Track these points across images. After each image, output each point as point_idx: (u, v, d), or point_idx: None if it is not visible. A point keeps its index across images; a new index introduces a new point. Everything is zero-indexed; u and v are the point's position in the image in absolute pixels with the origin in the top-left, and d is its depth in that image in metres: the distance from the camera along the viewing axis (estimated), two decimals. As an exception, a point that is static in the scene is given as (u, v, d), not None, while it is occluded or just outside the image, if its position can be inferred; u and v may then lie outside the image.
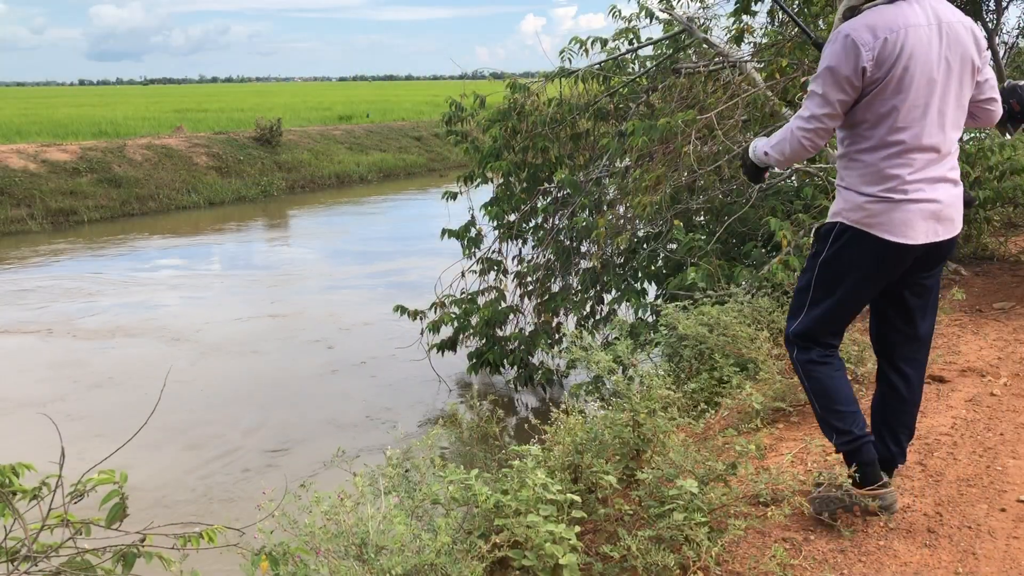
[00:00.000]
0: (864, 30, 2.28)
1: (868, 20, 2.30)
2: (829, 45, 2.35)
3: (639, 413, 2.82)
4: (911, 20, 2.29)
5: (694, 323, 4.08)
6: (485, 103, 7.79)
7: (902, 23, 2.28)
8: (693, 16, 6.93)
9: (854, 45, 2.27)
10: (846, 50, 2.29)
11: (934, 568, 2.36)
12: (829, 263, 2.48)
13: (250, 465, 6.14)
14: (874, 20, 2.30)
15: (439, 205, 7.91)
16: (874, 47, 2.26)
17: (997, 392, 3.60)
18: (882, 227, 2.36)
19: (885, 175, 2.34)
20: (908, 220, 2.34)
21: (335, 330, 9.62)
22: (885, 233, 2.36)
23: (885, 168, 2.34)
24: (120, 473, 2.04)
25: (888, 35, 2.27)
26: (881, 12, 2.31)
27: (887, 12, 2.30)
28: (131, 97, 52.05)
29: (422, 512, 2.43)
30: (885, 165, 2.34)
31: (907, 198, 2.33)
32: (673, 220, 5.94)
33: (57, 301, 11.09)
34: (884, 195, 2.34)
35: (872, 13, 2.32)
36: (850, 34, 2.29)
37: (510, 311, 7.43)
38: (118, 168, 19.73)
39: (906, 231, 2.35)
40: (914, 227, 2.35)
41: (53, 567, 1.92)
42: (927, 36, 2.29)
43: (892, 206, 2.34)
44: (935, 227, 2.38)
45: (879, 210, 2.35)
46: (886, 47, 2.26)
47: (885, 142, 2.33)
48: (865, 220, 2.37)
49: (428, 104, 36.94)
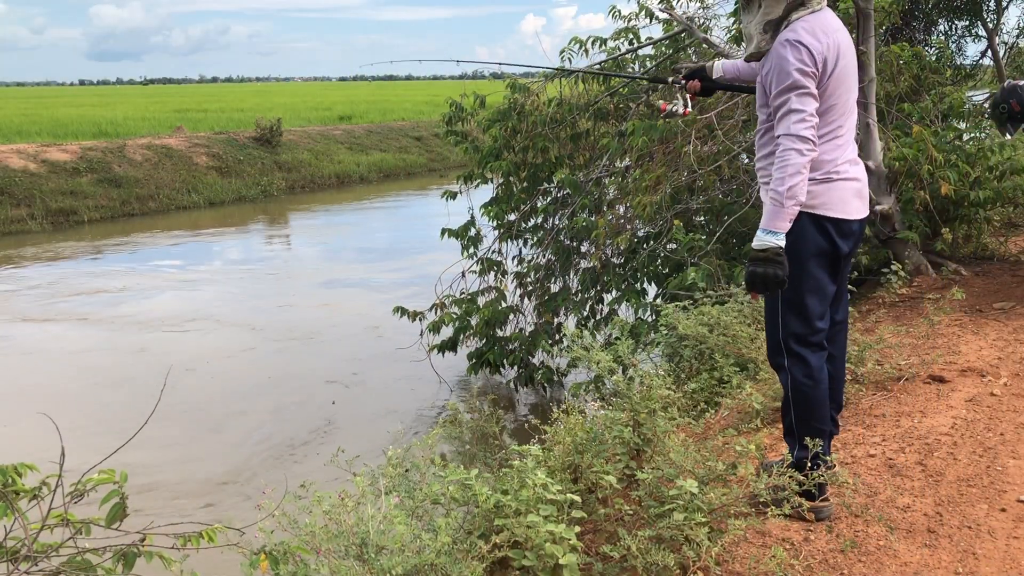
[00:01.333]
0: (808, 35, 2.48)
1: (807, 26, 2.51)
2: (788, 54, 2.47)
3: (639, 413, 2.82)
4: (836, 25, 2.56)
5: (694, 323, 4.08)
6: (485, 103, 7.79)
7: (831, 27, 2.53)
8: (693, 16, 6.93)
9: (808, 49, 2.46)
10: (804, 54, 2.46)
11: (934, 568, 2.36)
12: (788, 251, 2.56)
13: (248, 465, 6.14)
14: (812, 26, 2.51)
15: (439, 205, 7.91)
16: (821, 50, 2.48)
17: (997, 392, 3.60)
18: (825, 207, 2.57)
19: (823, 160, 2.55)
20: (845, 198, 2.59)
21: (334, 330, 9.62)
22: (829, 211, 2.57)
23: (823, 154, 2.54)
24: (120, 472, 2.04)
25: (825, 37, 2.49)
26: (815, 19, 2.52)
27: (819, 19, 2.53)
28: (131, 97, 52.03)
29: (422, 512, 2.43)
30: (823, 150, 2.54)
31: (841, 178, 2.58)
32: (673, 220, 5.94)
33: (65, 297, 11.10)
34: (822, 178, 2.56)
35: (807, 21, 2.52)
36: (801, 39, 2.47)
37: (510, 311, 7.43)
38: (118, 168, 19.73)
39: (845, 207, 2.59)
40: (849, 203, 2.61)
41: (53, 567, 1.93)
42: (846, 39, 2.57)
43: (831, 186, 2.57)
44: (860, 203, 2.66)
45: (819, 191, 2.56)
46: (828, 49, 2.49)
47: (823, 133, 2.54)
48: (809, 203, 2.55)
49: (428, 104, 36.93)
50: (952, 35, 10.85)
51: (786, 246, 2.52)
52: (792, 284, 2.58)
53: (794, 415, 2.66)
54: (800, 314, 2.62)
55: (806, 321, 2.62)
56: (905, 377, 3.80)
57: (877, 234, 5.54)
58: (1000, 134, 5.14)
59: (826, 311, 2.67)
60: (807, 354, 2.62)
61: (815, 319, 2.62)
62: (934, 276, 5.46)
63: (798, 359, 2.63)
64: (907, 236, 5.42)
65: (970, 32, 10.79)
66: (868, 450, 3.13)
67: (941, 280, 5.39)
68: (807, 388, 2.62)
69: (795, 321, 2.62)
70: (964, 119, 6.45)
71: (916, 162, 5.24)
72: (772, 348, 2.71)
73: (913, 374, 3.82)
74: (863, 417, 3.47)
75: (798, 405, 2.64)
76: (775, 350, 2.69)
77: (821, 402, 2.64)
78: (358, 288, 11.80)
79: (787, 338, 2.63)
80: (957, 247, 5.85)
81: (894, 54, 6.10)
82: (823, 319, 2.66)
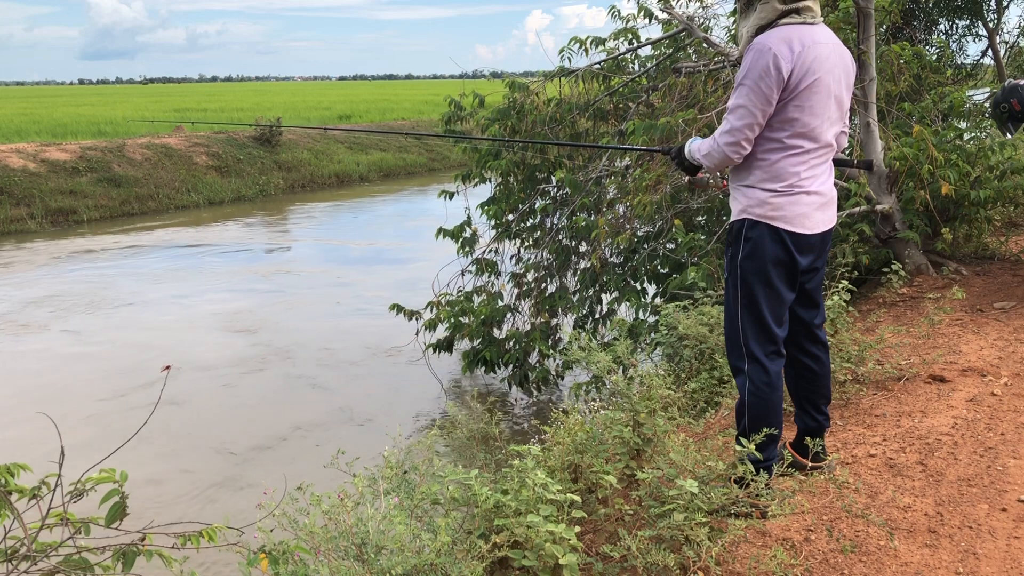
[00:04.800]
0: (781, 43, 2.51)
1: (783, 35, 2.53)
2: (750, 57, 2.53)
3: (639, 413, 2.82)
4: (817, 38, 2.56)
5: (694, 323, 4.08)
6: (484, 102, 7.79)
7: (811, 39, 2.54)
8: (693, 16, 6.92)
9: (775, 58, 2.49)
10: (769, 61, 2.49)
11: (935, 568, 2.36)
12: (748, 258, 2.65)
13: (246, 465, 6.14)
14: (788, 35, 2.53)
15: (439, 204, 7.91)
16: (791, 59, 2.49)
17: (998, 392, 3.60)
18: (784, 220, 2.60)
19: (786, 173, 2.59)
20: (805, 212, 2.61)
21: (332, 330, 9.62)
22: (787, 224, 2.60)
23: (786, 167, 2.58)
24: (120, 472, 2.03)
25: (800, 49, 2.51)
26: (793, 29, 2.55)
27: (797, 30, 2.55)
28: (130, 96, 52.04)
29: (421, 512, 2.43)
30: (785, 164, 2.58)
31: (803, 191, 2.60)
32: (673, 219, 5.94)
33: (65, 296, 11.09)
34: (784, 190, 2.59)
35: (785, 29, 2.55)
36: (771, 47, 2.50)
37: (507, 310, 7.43)
38: (118, 168, 19.72)
39: (804, 221, 2.61)
40: (810, 217, 2.62)
41: (52, 566, 1.92)
42: (827, 52, 2.57)
43: (792, 199, 2.59)
44: (823, 216, 2.67)
45: (780, 203, 2.59)
46: (799, 59, 2.50)
47: (786, 145, 2.57)
48: (769, 214, 2.60)
49: (428, 104, 36.95)
50: (953, 34, 10.86)
51: (745, 253, 2.65)
52: (749, 291, 2.66)
53: (748, 419, 2.69)
54: (757, 320, 2.68)
55: (763, 327, 2.68)
56: (906, 377, 3.80)
57: (877, 234, 5.54)
58: (1000, 133, 5.14)
59: (783, 318, 2.72)
60: (767, 362, 2.68)
61: (772, 325, 2.68)
62: (935, 276, 5.45)
63: (757, 365, 2.68)
64: (907, 236, 5.41)
65: (970, 31, 10.79)
66: (869, 450, 3.13)
67: (942, 280, 5.39)
68: (764, 393, 2.67)
69: (753, 327, 2.69)
70: (964, 118, 6.45)
71: (916, 161, 5.24)
72: (732, 352, 2.77)
73: (914, 374, 3.82)
74: (864, 417, 3.46)
75: (753, 408, 2.68)
76: (735, 354, 2.75)
77: (776, 407, 2.69)
78: (354, 287, 11.79)
79: (747, 342, 2.69)
80: (958, 247, 5.84)
81: (894, 53, 6.09)
82: (781, 326, 2.71)
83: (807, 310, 2.81)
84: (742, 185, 2.67)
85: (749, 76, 2.52)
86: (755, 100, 2.51)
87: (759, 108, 2.52)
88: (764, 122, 2.55)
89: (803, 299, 2.79)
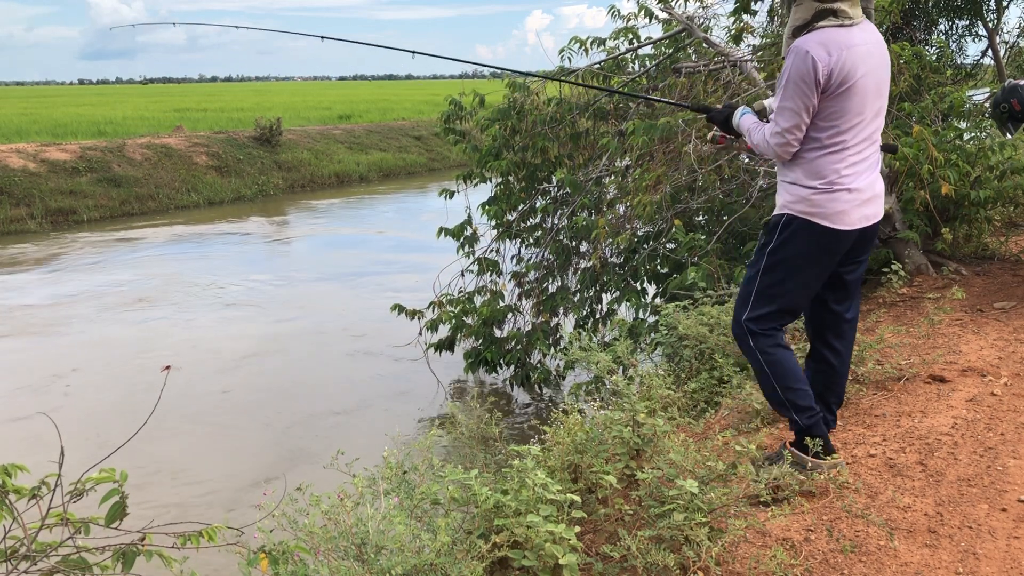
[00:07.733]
0: (819, 47, 2.58)
1: (820, 38, 2.60)
2: (790, 60, 2.61)
3: (639, 413, 2.82)
4: (854, 40, 2.62)
5: (694, 323, 4.08)
6: (484, 102, 7.78)
7: (847, 43, 2.60)
8: (693, 15, 6.92)
9: (814, 61, 2.56)
10: (808, 65, 2.57)
11: (934, 568, 2.36)
12: (776, 251, 2.75)
13: (245, 465, 6.14)
14: (825, 39, 2.60)
15: (439, 204, 7.91)
16: (828, 63, 2.56)
17: (998, 392, 3.60)
18: (822, 216, 2.68)
19: (826, 170, 2.67)
20: (845, 209, 2.67)
21: (332, 329, 9.61)
22: (825, 221, 2.68)
23: (826, 164, 2.66)
24: (120, 472, 2.03)
25: (837, 53, 2.57)
26: (830, 32, 2.61)
27: (834, 33, 2.61)
28: (130, 96, 52.03)
29: (421, 512, 2.43)
30: (825, 161, 2.66)
31: (843, 188, 2.67)
32: (673, 219, 5.94)
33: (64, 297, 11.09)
34: (824, 187, 2.67)
35: (822, 33, 2.62)
36: (809, 51, 2.58)
37: (508, 310, 7.42)
38: (117, 168, 19.72)
39: (843, 218, 2.68)
40: (849, 214, 2.69)
41: (51, 565, 1.92)
42: (864, 54, 2.63)
43: (831, 196, 2.66)
44: (866, 212, 2.73)
45: (820, 200, 2.67)
46: (836, 63, 2.57)
47: (827, 144, 2.65)
48: (808, 210, 2.68)
49: (428, 104, 36.94)
50: (952, 34, 10.84)
51: (778, 243, 2.74)
52: (771, 279, 2.75)
53: (775, 382, 2.76)
54: (772, 302, 2.76)
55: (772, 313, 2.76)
56: (905, 377, 3.80)
57: (878, 234, 5.54)
58: (1000, 133, 5.13)
59: (797, 311, 2.83)
60: (770, 332, 2.77)
61: (786, 314, 2.78)
62: (934, 276, 5.45)
63: (761, 336, 2.78)
64: (907, 236, 5.41)
65: (970, 31, 10.78)
66: (869, 450, 3.12)
67: (942, 280, 5.38)
68: (777, 354, 2.76)
69: (766, 307, 2.76)
70: (964, 118, 6.44)
71: (916, 162, 5.23)
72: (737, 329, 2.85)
73: (913, 374, 3.81)
74: (863, 417, 3.46)
75: (774, 367, 2.76)
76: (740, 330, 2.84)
77: (793, 362, 2.77)
78: (357, 287, 11.79)
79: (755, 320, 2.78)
80: (957, 247, 5.84)
81: (894, 53, 6.08)
82: (794, 315, 2.82)
83: (840, 302, 2.90)
84: (785, 181, 2.77)
85: (791, 79, 2.61)
86: (798, 102, 2.61)
87: (803, 109, 2.61)
88: (809, 121, 2.63)
89: (840, 289, 2.88)
